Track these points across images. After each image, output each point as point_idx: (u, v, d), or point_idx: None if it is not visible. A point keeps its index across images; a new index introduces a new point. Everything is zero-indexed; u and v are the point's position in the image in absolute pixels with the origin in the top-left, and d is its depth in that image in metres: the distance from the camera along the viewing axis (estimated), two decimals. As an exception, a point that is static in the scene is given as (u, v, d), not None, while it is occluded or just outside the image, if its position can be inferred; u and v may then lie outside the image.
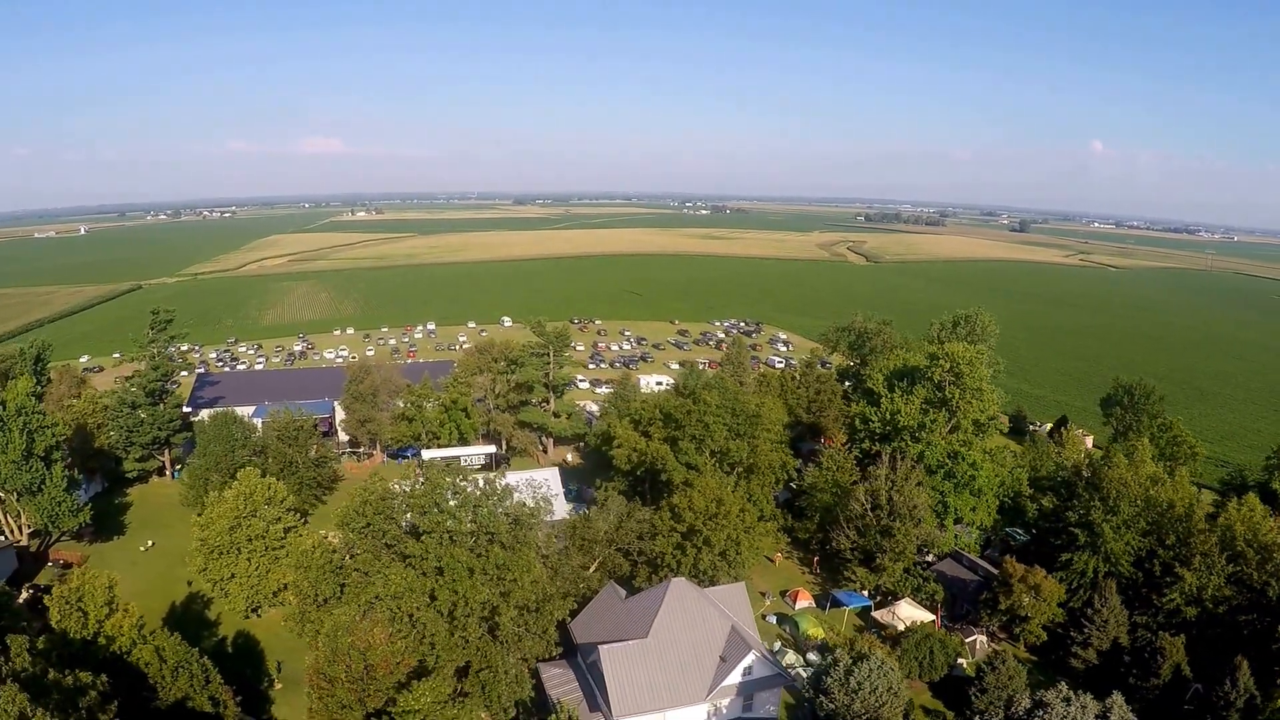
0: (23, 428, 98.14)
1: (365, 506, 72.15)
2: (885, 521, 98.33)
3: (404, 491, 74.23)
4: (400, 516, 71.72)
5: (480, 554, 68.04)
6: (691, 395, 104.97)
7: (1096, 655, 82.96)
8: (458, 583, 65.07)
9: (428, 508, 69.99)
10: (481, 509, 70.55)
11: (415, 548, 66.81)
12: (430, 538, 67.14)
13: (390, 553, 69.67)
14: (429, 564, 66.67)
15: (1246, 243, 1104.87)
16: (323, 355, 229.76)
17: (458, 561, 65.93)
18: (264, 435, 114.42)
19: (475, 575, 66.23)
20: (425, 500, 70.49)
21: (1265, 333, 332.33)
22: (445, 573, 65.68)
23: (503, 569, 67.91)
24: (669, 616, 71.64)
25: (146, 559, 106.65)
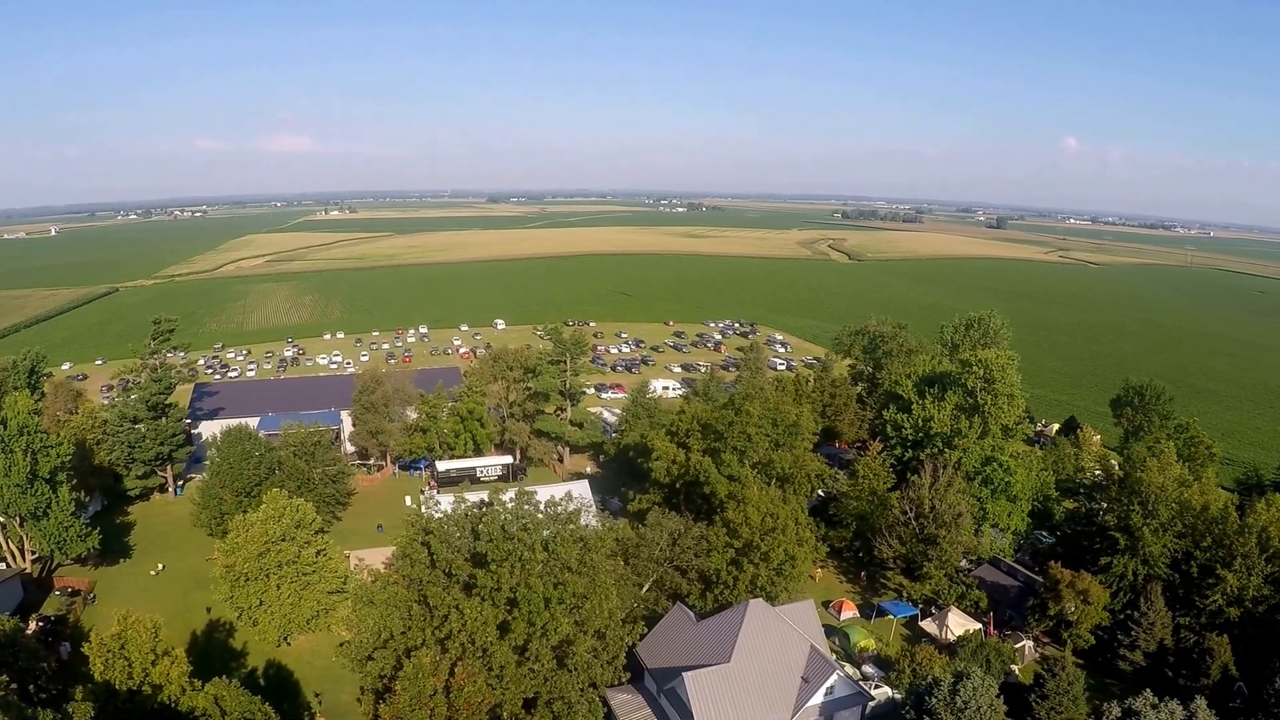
0: (26, 449, 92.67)
1: (427, 535, 67.62)
2: (930, 530, 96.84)
3: (464, 515, 69.71)
4: (463, 543, 67.29)
5: (557, 583, 63.96)
6: (733, 406, 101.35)
7: (1143, 657, 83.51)
8: (535, 614, 61.24)
9: (494, 534, 65.58)
10: (555, 535, 66.27)
11: (486, 578, 62.48)
12: (503, 567, 62.82)
13: (452, 582, 65.32)
14: (502, 595, 62.48)
15: (1222, 238, 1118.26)
16: (316, 361, 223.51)
17: (534, 592, 61.89)
18: (279, 450, 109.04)
19: (552, 605, 62.30)
20: (492, 526, 66.08)
21: (1252, 329, 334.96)
22: (520, 604, 61.57)
23: (580, 598, 64.14)
24: (749, 639, 69.92)
25: (158, 584, 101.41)
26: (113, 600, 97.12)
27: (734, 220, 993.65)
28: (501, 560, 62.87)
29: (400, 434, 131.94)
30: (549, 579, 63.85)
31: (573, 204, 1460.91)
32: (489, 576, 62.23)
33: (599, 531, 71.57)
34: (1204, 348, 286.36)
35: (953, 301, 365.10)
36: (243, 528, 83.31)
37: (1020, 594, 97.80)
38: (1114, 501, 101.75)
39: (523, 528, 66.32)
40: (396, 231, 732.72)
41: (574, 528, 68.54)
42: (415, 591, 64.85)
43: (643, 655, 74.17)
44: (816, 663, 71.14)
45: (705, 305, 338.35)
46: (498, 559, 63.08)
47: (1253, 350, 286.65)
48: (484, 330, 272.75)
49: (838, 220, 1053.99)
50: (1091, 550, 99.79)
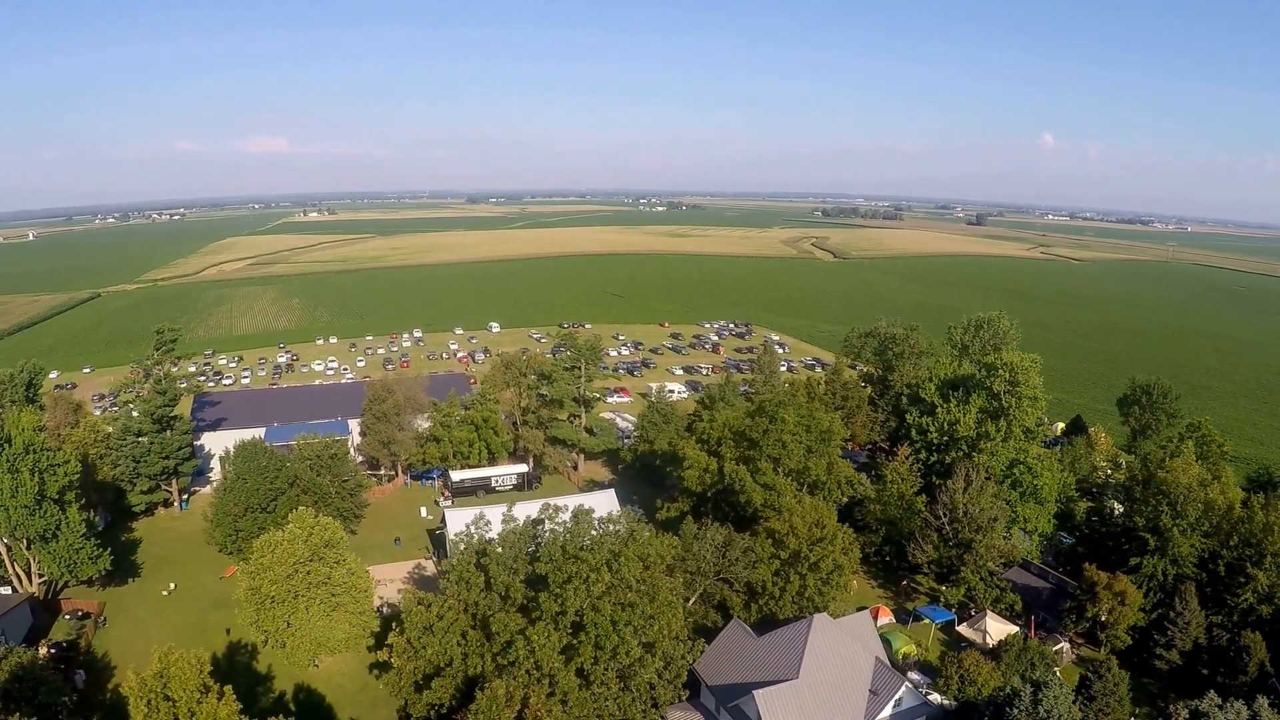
0: (33, 468, 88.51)
1: (482, 558, 64.30)
2: (966, 534, 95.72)
3: (519, 536, 66.49)
4: (520, 564, 64.07)
5: (624, 604, 61.02)
6: (767, 413, 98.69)
7: (1179, 656, 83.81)
8: (603, 638, 58.41)
9: (554, 555, 62.43)
10: (619, 554, 63.10)
11: (550, 602, 59.42)
12: (566, 589, 59.76)
13: (508, 605, 62.27)
14: (567, 618, 59.44)
15: (1200, 233, 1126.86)
16: (311, 367, 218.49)
17: (602, 615, 58.95)
18: (295, 464, 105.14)
19: (620, 627, 59.41)
20: (553, 547, 62.90)
21: (1239, 325, 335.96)
22: (587, 628, 58.57)
23: (648, 619, 61.34)
24: (816, 653, 68.54)
25: (170, 604, 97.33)
26: (124, 622, 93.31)
27: (715, 219, 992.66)
28: (564, 582, 59.82)
29: (412, 444, 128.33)
30: (613, 599, 60.92)
31: (552, 204, 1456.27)
32: (552, 600, 59.18)
33: (658, 548, 68.54)
34: (1194, 344, 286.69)
35: (942, 299, 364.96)
36: (267, 548, 79.57)
37: (1053, 596, 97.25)
38: (1138, 502, 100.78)
39: (583, 547, 63.14)
40: (378, 233, 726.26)
41: (638, 546, 65.36)
42: (469, 616, 61.67)
43: (701, 672, 71.87)
44: (883, 675, 70.26)
45: (697, 305, 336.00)
46: (559, 581, 60.03)
47: (1241, 346, 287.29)
48: (479, 333, 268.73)
49: (818, 218, 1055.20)
50: (1118, 551, 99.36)
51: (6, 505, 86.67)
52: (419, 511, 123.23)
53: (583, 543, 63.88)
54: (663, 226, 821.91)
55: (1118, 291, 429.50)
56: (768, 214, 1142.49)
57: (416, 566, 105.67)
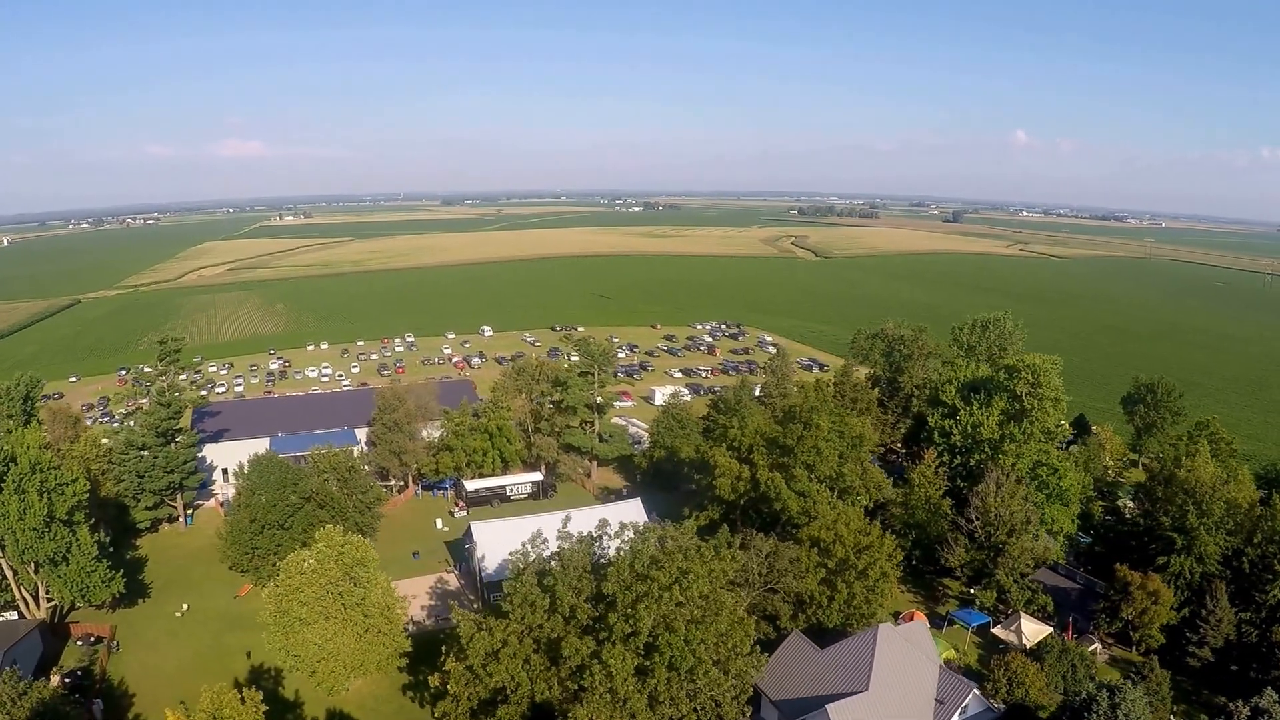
0: (40, 488, 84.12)
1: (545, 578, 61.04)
2: (999, 537, 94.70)
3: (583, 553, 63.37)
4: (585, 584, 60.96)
5: (696, 622, 58.27)
6: (800, 419, 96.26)
7: (1211, 653, 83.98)
8: (678, 658, 55.85)
9: (623, 574, 59.41)
10: (690, 572, 60.06)
11: (621, 623, 56.51)
12: (640, 608, 56.94)
13: (570, 627, 59.20)
14: (640, 639, 56.63)
15: (1173, 228, 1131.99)
16: (305, 374, 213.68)
17: (677, 635, 56.21)
18: (311, 477, 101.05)
19: (694, 646, 56.87)
20: (621, 566, 59.86)
21: (1223, 321, 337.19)
22: (661, 649, 55.85)
23: (722, 636, 58.71)
24: (884, 664, 66.90)
25: (185, 626, 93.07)
26: (138, 647, 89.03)
27: (692, 219, 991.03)
28: (633, 602, 56.96)
29: (424, 453, 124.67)
30: (684, 617, 58.14)
31: (528, 205, 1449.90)
32: (624, 620, 56.27)
33: (723, 563, 65.85)
34: (1181, 341, 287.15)
35: (928, 298, 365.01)
36: (295, 569, 75.91)
37: (1081, 596, 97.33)
38: (1161, 501, 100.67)
39: (653, 564, 60.14)
40: (356, 236, 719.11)
41: (705, 563, 62.39)
42: (531, 639, 58.55)
43: (763, 686, 69.56)
44: (949, 683, 69.56)
45: (685, 306, 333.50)
46: (628, 600, 57.17)
47: (1228, 342, 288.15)
48: (471, 337, 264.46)
49: (795, 217, 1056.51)
50: (1141, 550, 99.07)
51: (14, 529, 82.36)
52: (434, 523, 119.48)
53: (648, 560, 60.72)
54: (641, 227, 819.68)
55: (1100, 289, 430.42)
56: (744, 213, 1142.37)
57: (438, 581, 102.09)
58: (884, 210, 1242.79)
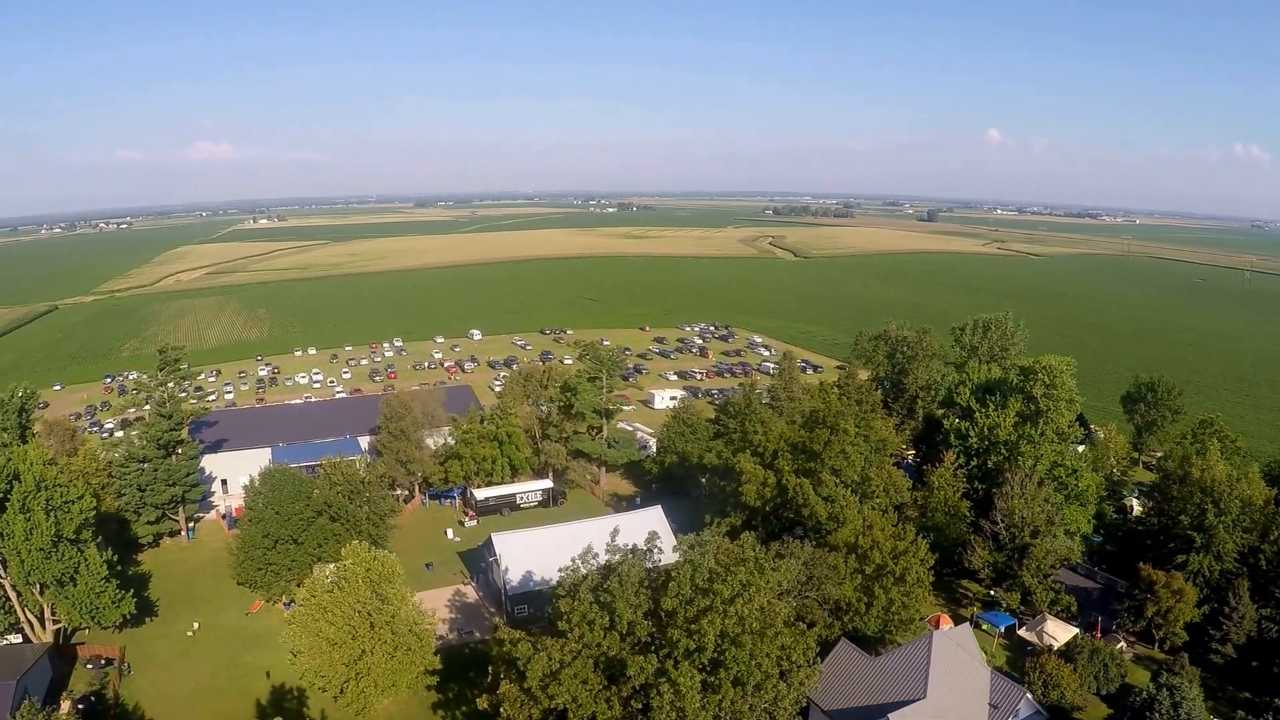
0: (46, 506, 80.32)
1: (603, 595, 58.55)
2: (1023, 538, 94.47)
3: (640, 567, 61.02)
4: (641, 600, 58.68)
5: (761, 635, 56.34)
6: (826, 424, 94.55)
7: (1233, 649, 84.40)
8: (744, 674, 54.13)
9: (683, 589, 57.15)
10: (751, 585, 57.91)
11: (685, 638, 54.38)
12: (703, 623, 54.96)
13: (625, 644, 56.87)
14: (705, 655, 54.59)
15: (1148, 225, 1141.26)
16: (295, 381, 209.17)
17: (743, 649, 54.34)
18: (324, 490, 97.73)
19: (760, 660, 55.25)
20: (682, 581, 57.57)
21: (1206, 318, 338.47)
22: (727, 664, 54.01)
23: (786, 649, 57.03)
24: (940, 671, 65.74)
25: (198, 646, 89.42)
26: (149, 668, 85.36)
27: (668, 219, 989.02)
28: (695, 616, 54.99)
29: (431, 461, 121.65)
30: (748, 630, 56.31)
31: (502, 206, 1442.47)
32: (687, 636, 54.17)
33: (780, 575, 63.98)
34: (1167, 339, 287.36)
35: (911, 297, 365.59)
36: (320, 587, 72.81)
37: (1102, 595, 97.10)
38: (1175, 500, 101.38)
39: (713, 577, 58.03)
40: (332, 239, 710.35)
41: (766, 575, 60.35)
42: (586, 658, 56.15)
43: (814, 696, 67.92)
44: (1002, 687, 68.89)
45: (672, 308, 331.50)
46: (689, 615, 55.29)
47: (1215, 339, 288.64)
48: (461, 341, 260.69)
49: (770, 217, 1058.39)
50: (1155, 549, 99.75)
51: (19, 549, 78.41)
52: (444, 533, 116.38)
53: (708, 573, 58.54)
54: (618, 228, 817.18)
55: (1082, 287, 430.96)
56: (719, 213, 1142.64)
57: (455, 593, 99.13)
58: (859, 209, 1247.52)
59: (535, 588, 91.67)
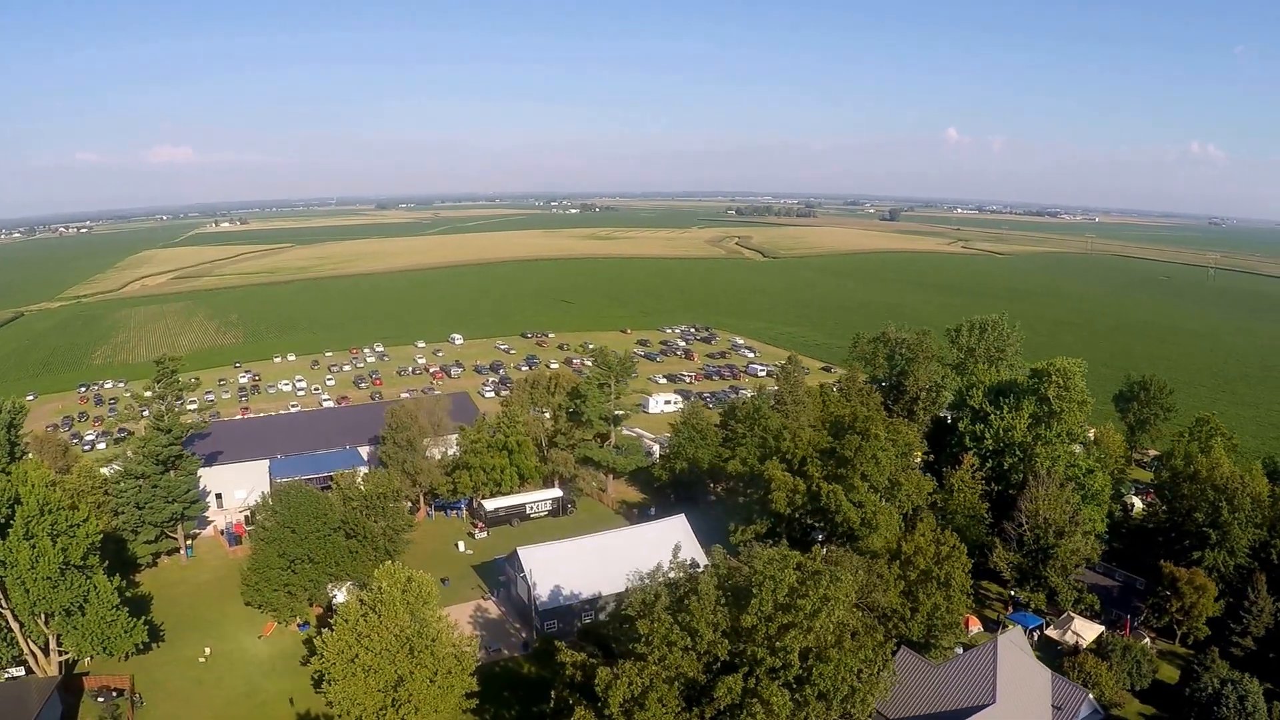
0: (52, 531, 75.01)
1: (682, 614, 55.31)
2: (1048, 539, 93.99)
3: (717, 583, 58.04)
4: (719, 618, 55.79)
5: (843, 649, 54.36)
6: (858, 430, 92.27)
7: (1253, 642, 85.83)
8: (833, 690, 52.43)
9: (765, 606, 54.20)
10: (832, 599, 55.30)
11: (771, 658, 51.94)
12: (787, 639, 52.76)
13: (704, 661, 53.92)
14: (792, 672, 52.44)
15: (1107, 223, 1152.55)
16: (279, 388, 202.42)
17: (830, 664, 52.59)
18: (338, 505, 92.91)
19: (843, 674, 53.27)
20: (764, 598, 54.63)
21: (1176, 315, 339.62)
22: (815, 682, 52.08)
23: (869, 662, 55.22)
24: (1007, 676, 65.59)
25: (211, 672, 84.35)
26: (162, 698, 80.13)
27: (632, 220, 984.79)
28: (777, 633, 52.89)
29: (439, 472, 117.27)
30: (829, 644, 54.25)
31: (464, 208, 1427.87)
32: (773, 654, 51.88)
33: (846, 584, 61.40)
34: (1141, 336, 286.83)
35: (884, 297, 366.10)
36: (354, 612, 68.56)
37: (1122, 593, 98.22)
38: (1185, 499, 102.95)
39: (793, 592, 55.36)
40: (297, 242, 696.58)
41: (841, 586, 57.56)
42: (670, 682, 53.09)
43: (880, 705, 65.94)
44: (1064, 689, 69.43)
45: (649, 310, 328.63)
46: (769, 631, 53.15)
47: (1187, 337, 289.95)
48: (443, 346, 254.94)
49: (733, 217, 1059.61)
50: (1168, 545, 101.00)
51: (24, 579, 72.97)
52: (454, 546, 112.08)
53: (788, 587, 55.90)
54: (584, 229, 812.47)
55: (1050, 285, 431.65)
56: (682, 214, 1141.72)
57: (476, 609, 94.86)
58: (820, 209, 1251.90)
59: (565, 602, 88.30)
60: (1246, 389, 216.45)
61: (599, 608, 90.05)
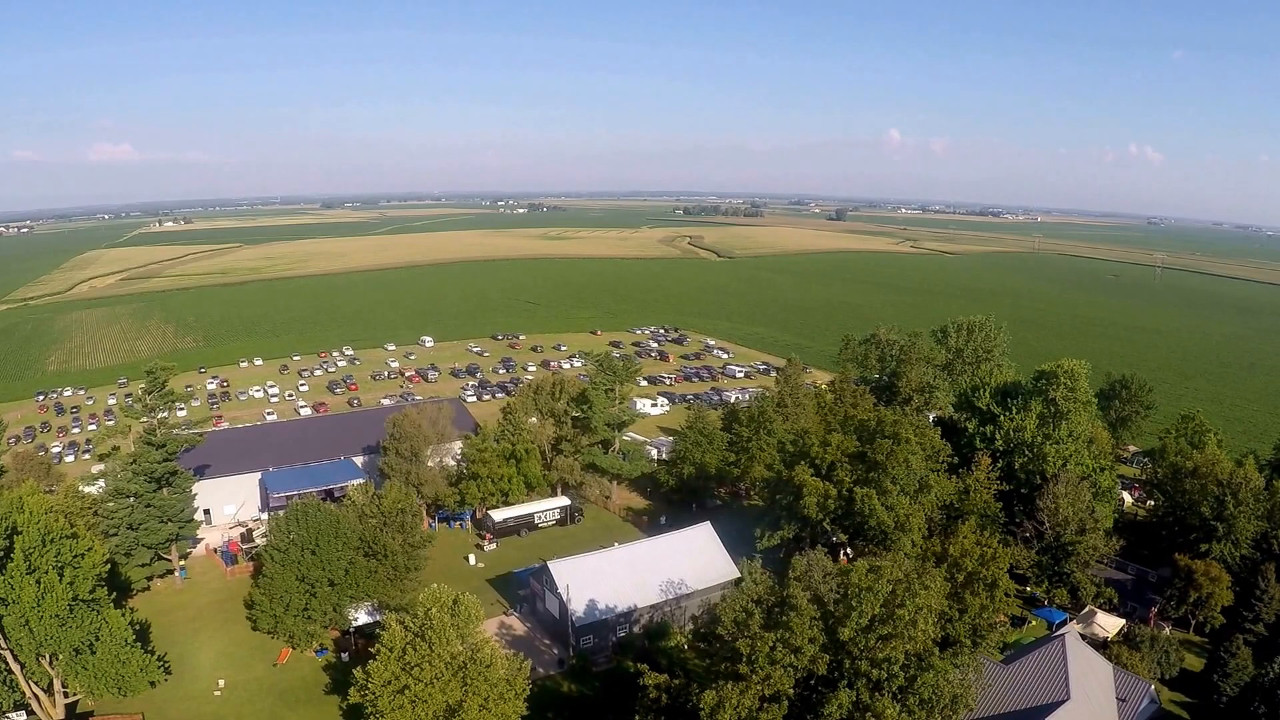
0: (57, 564, 68.04)
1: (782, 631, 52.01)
2: (1069, 536, 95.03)
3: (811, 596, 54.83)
4: (816, 631, 52.74)
5: (942, 654, 54.02)
6: (888, 434, 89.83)
7: (1265, 628, 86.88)
8: (937, 698, 51.09)
9: (860, 620, 51.37)
10: (924, 607, 53.01)
11: (875, 670, 50.36)
12: (889, 648, 51.07)
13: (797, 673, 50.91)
14: (896, 682, 50.54)
15: (1049, 223, 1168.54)
16: (250, 395, 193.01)
17: (935, 671, 51.56)
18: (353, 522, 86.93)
19: (943, 680, 51.92)
20: (862, 612, 51.69)
21: (1129, 313, 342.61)
22: (918, 689, 50.67)
23: (965, 667, 55.07)
24: (1077, 671, 65.33)
25: (229, 707, 77.91)
26: (178, 735, 74.01)
27: (581, 220, 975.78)
28: (875, 643, 51.36)
29: (443, 483, 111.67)
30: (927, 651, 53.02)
31: (409, 207, 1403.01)
32: (875, 666, 50.12)
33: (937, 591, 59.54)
34: (1098, 334, 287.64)
35: (845, 297, 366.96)
36: (398, 640, 63.30)
37: (1136, 585, 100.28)
38: (1183, 493, 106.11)
39: (892, 602, 52.69)
40: (244, 242, 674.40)
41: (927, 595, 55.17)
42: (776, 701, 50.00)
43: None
44: (1127, 681, 70.49)
45: (614, 311, 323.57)
46: (868, 643, 51.56)
47: (1142, 334, 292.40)
48: (414, 349, 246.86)
49: (681, 217, 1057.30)
50: (1171, 539, 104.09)
51: (28, 618, 65.73)
52: (465, 560, 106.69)
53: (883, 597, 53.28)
54: (534, 229, 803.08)
55: (1003, 284, 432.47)
56: (630, 213, 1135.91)
57: (501, 626, 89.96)
58: (766, 209, 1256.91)
59: (600, 617, 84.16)
60: (1207, 385, 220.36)
61: (634, 621, 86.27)
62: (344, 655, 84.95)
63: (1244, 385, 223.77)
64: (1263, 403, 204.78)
